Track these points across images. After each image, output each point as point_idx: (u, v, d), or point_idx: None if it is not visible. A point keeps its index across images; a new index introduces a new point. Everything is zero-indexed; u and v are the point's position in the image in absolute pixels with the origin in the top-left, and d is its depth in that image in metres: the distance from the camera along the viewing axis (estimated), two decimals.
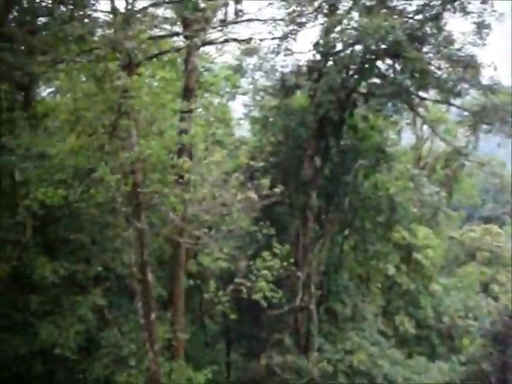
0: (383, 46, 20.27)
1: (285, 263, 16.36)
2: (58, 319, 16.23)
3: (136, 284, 15.28)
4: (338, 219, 23.72)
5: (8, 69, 15.27)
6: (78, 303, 16.39)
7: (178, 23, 18.52)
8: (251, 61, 23.60)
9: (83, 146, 14.92)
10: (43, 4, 17.65)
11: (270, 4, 20.30)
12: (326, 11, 21.79)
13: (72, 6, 16.79)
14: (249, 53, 23.12)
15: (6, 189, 16.61)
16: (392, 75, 21.59)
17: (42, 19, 17.77)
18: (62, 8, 17.22)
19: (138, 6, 16.34)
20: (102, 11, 17.07)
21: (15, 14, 17.80)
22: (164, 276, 19.31)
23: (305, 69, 22.60)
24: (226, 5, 19.00)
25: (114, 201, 15.01)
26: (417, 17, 20.88)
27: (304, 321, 22.64)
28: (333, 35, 21.51)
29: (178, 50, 18.13)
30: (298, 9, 21.19)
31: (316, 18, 21.86)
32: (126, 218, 15.34)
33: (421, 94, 22.23)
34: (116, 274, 17.49)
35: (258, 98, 24.93)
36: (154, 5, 17.31)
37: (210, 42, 17.77)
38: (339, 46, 21.89)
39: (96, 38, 16.32)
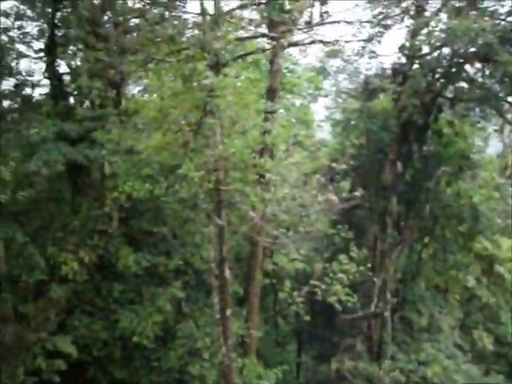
0: (472, 49, 19.51)
1: (361, 268, 16.20)
2: (138, 308, 16.85)
3: (214, 279, 15.61)
4: (418, 226, 23.09)
5: (102, 67, 16.02)
6: (158, 294, 16.93)
7: (263, 25, 18.78)
8: (334, 63, 23.54)
9: (169, 143, 15.41)
10: (136, 6, 18.41)
11: (356, 6, 20.19)
12: (412, 13, 21.33)
13: (163, 8, 17.45)
14: (332, 55, 23.05)
15: (96, 181, 17.41)
16: (481, 79, 20.75)
17: (135, 20, 18.55)
18: (154, 10, 17.92)
19: (226, 7, 16.96)
20: (192, 13, 17.66)
21: (110, 15, 18.72)
22: (240, 273, 19.59)
23: (389, 71, 22.20)
24: (311, 6, 19.05)
25: (196, 197, 15.43)
26: (509, 18, 19.98)
27: (378, 328, 22.21)
28: (419, 37, 21.03)
29: (264, 50, 18.33)
30: (385, 10, 20.88)
31: (402, 19, 21.42)
32: (207, 215, 15.70)
33: (511, 99, 21.27)
34: (194, 269, 17.91)
35: (340, 100, 24.76)
36: (241, 7, 17.68)
37: (296, 44, 17.84)
38: (426, 49, 21.31)
39: (185, 39, 16.92)
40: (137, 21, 18.31)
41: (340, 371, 21.43)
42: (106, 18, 18.53)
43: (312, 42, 18.12)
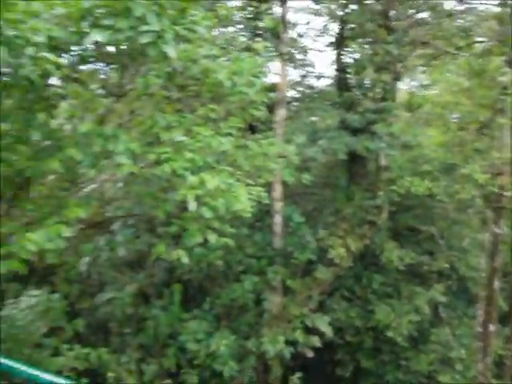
0: None
1: None
2: (395, 304, 16.69)
3: (480, 290, 14.76)
4: None
5: (391, 60, 16.09)
6: (417, 294, 16.55)
7: None
8: None
9: (450, 141, 14.92)
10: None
11: None
12: None
13: (458, 1, 16.79)
14: None
15: (370, 172, 17.64)
16: None
17: (424, 14, 18.21)
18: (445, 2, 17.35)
19: None
20: (489, 4, 16.63)
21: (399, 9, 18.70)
22: (506, 287, 18.09)
23: None
24: None
25: (472, 199, 14.69)
26: None
27: None
28: None
29: None
30: None
31: None
32: (482, 220, 14.86)
33: None
34: (458, 274, 17.10)
35: None
36: None
37: None
38: None
39: (480, 32, 16.06)
40: (426, 14, 17.95)
41: None
42: (393, 12, 18.61)
43: None
